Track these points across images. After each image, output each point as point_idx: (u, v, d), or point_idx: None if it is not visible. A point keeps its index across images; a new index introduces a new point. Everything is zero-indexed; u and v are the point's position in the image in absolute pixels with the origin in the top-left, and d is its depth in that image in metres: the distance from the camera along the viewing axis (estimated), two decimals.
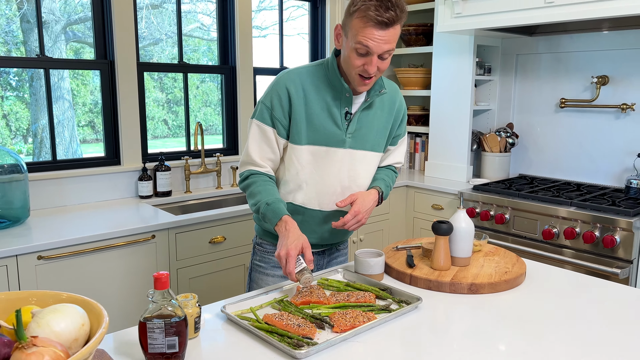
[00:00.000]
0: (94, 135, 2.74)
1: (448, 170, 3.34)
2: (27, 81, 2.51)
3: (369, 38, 1.39)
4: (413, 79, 3.60)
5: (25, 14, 2.44)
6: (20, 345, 0.72)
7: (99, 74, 2.66)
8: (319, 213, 1.63)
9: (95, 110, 2.70)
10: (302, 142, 1.54)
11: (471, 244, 1.58)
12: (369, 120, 1.60)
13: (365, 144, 1.60)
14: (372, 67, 1.43)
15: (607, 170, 2.97)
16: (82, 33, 2.63)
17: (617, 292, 1.50)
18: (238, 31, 3.06)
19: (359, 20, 1.40)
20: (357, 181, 1.63)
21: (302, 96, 1.52)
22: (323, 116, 1.54)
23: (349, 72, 1.50)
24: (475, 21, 2.76)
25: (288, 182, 1.59)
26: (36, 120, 2.56)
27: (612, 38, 2.87)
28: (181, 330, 1.07)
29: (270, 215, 1.47)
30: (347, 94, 1.54)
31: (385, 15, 1.37)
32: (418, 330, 1.24)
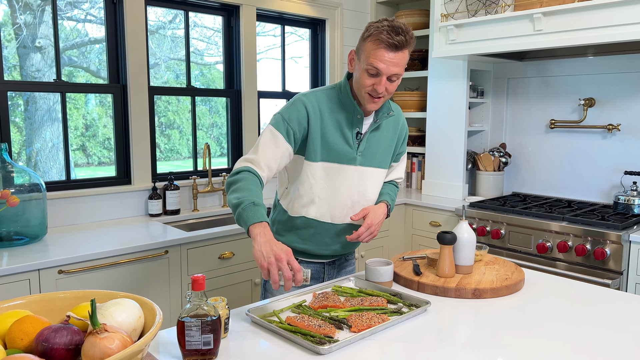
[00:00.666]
0: (84, 159, 2.77)
1: (444, 188, 3.47)
2: (23, 105, 2.56)
3: (379, 60, 1.53)
4: (409, 101, 3.76)
5: (24, 39, 2.52)
6: (93, 330, 0.82)
7: (101, 98, 2.77)
8: (331, 226, 1.74)
9: (87, 134, 2.75)
10: (317, 159, 1.66)
11: (473, 253, 1.70)
12: (377, 139, 1.73)
13: (373, 162, 1.74)
14: (380, 87, 1.56)
15: (596, 187, 3.12)
16: (76, 57, 2.71)
17: (608, 295, 1.62)
18: (243, 56, 3.21)
19: (371, 43, 1.54)
20: (366, 196, 1.75)
21: (318, 116, 1.64)
22: (336, 136, 1.66)
23: (359, 92, 1.62)
24: (468, 47, 2.93)
25: (302, 196, 1.70)
26: (30, 144, 2.60)
27: (597, 63, 3.05)
28: (216, 328, 1.17)
29: (251, 215, 1.43)
30: (359, 115, 1.67)
31: (396, 38, 1.51)
32: (428, 330, 1.35)
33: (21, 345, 0.88)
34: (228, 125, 3.31)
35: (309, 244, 1.75)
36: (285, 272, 1.35)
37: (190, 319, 1.16)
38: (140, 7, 2.74)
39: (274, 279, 1.35)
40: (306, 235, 1.74)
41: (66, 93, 2.63)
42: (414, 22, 3.73)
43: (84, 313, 0.95)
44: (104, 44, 2.76)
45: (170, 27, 3.03)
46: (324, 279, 1.84)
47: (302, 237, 1.75)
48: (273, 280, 1.35)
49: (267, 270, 1.36)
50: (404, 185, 3.91)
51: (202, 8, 3.10)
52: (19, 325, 0.89)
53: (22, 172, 2.27)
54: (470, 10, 2.89)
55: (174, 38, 3.05)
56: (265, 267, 1.36)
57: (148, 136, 2.84)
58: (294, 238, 1.76)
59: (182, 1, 3.00)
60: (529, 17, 2.63)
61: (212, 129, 3.27)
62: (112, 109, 2.79)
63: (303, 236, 1.75)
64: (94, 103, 2.77)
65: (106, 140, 2.83)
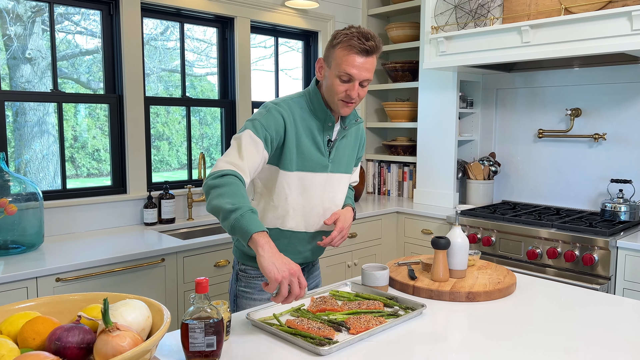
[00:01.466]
0: (73, 171, 2.77)
1: (435, 197, 3.53)
2: (12, 116, 2.55)
3: (351, 65, 1.55)
4: (400, 112, 3.82)
5: (14, 51, 2.54)
6: (105, 329, 0.85)
7: (90, 109, 2.80)
8: (305, 235, 1.73)
9: (76, 146, 2.76)
10: (292, 168, 1.64)
11: (467, 258, 1.75)
12: (343, 146, 1.76)
13: (341, 167, 1.76)
14: (354, 92, 1.59)
15: (584, 195, 3.19)
16: (66, 69, 2.72)
17: (597, 298, 1.67)
18: (237, 67, 3.26)
19: (342, 50, 1.56)
20: (335, 201, 1.77)
21: (293, 126, 1.63)
22: (309, 144, 1.66)
23: (332, 99, 1.63)
24: (458, 59, 3.00)
25: (277, 208, 1.66)
26: (19, 155, 2.60)
27: (582, 74, 3.14)
28: (219, 330, 1.20)
29: (252, 222, 1.36)
30: (330, 123, 1.69)
31: (367, 43, 1.54)
32: (424, 332, 1.39)
33: (33, 345, 0.90)
34: (222, 135, 3.34)
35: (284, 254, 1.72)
36: (294, 288, 1.33)
37: (193, 321, 1.18)
38: (137, 19, 2.78)
39: (284, 293, 1.31)
40: (279, 247, 1.67)
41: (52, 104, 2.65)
42: (405, 35, 3.81)
43: (93, 314, 0.98)
44: (101, 54, 2.79)
45: (162, 39, 3.07)
46: None
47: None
48: (282, 294, 1.32)
49: (278, 283, 1.31)
50: (395, 194, 3.96)
51: (197, 20, 3.15)
52: (31, 325, 0.91)
53: (19, 181, 2.28)
54: (459, 22, 2.97)
55: (164, 50, 3.09)
56: (279, 280, 1.30)
57: (144, 146, 2.86)
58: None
59: (178, 13, 3.05)
60: (517, 30, 2.71)
61: (201, 140, 3.29)
62: (107, 120, 2.82)
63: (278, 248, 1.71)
64: (84, 114, 2.79)
65: (95, 152, 2.84)
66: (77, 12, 2.70)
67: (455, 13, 3.00)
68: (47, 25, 2.61)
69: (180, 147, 3.20)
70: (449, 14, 3.03)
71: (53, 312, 1.03)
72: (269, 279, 1.32)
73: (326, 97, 1.66)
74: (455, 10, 3.00)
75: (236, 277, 1.80)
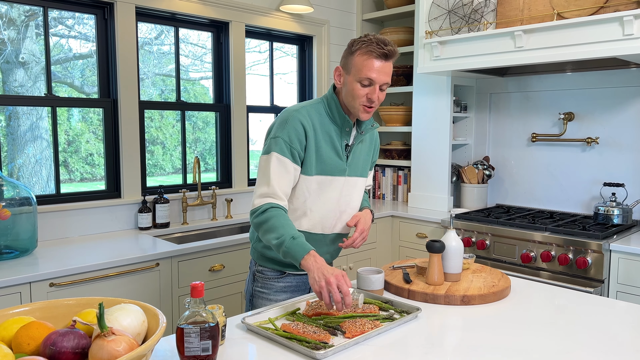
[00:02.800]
0: (67, 175, 2.76)
1: (430, 200, 3.54)
2: (4, 121, 2.55)
3: (372, 70, 1.61)
4: (395, 116, 3.84)
5: (8, 54, 2.53)
6: (101, 334, 0.85)
7: (84, 113, 2.80)
8: (322, 237, 1.79)
9: (69, 150, 2.75)
10: (312, 173, 1.70)
11: (461, 261, 1.75)
12: (359, 150, 1.82)
13: (357, 171, 1.82)
14: (375, 96, 1.64)
15: (577, 198, 3.21)
16: (60, 74, 2.72)
17: (590, 300, 1.68)
18: (232, 71, 3.26)
19: (361, 55, 1.63)
20: (351, 204, 1.83)
21: (312, 131, 1.69)
22: (328, 149, 1.72)
23: (352, 104, 1.68)
24: (452, 63, 3.02)
25: (296, 210, 1.74)
26: (12, 160, 2.59)
27: (575, 79, 3.17)
28: (214, 334, 1.20)
29: (297, 249, 1.51)
30: (348, 128, 1.74)
31: (386, 48, 1.61)
32: (419, 335, 1.39)
33: (27, 350, 0.90)
34: (217, 139, 3.34)
35: None
36: (334, 295, 1.41)
37: (189, 325, 1.18)
38: (132, 23, 2.78)
39: (325, 301, 1.42)
40: None
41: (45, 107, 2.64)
42: (399, 39, 3.82)
43: (88, 318, 0.98)
44: (94, 58, 2.79)
45: (156, 43, 3.07)
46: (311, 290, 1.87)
47: None
48: (325, 303, 1.43)
49: (320, 294, 1.43)
50: (390, 198, 3.97)
51: (192, 24, 3.15)
52: (25, 331, 0.91)
53: (12, 186, 2.27)
54: (453, 27, 2.99)
55: (159, 54, 3.09)
56: (317, 291, 1.44)
57: (138, 150, 2.86)
58: None
59: (172, 18, 3.05)
60: (510, 35, 2.73)
61: (195, 144, 3.29)
62: (102, 124, 2.81)
63: None
64: (77, 119, 2.78)
65: (89, 156, 2.83)
66: (70, 16, 2.70)
67: (449, 18, 3.02)
68: (41, 29, 2.61)
69: (174, 152, 3.19)
70: (442, 19, 3.05)
71: (47, 317, 1.02)
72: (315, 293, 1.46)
73: (346, 103, 1.71)
74: (449, 15, 3.02)
75: (253, 277, 1.86)
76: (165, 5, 2.91)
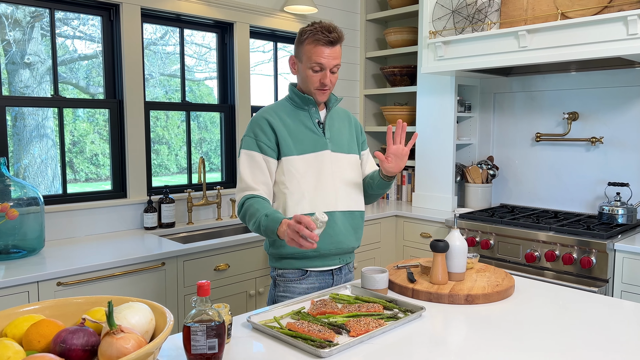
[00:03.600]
0: (72, 176, 2.78)
1: (434, 200, 3.54)
2: (10, 121, 2.57)
3: (321, 56, 1.75)
4: (398, 115, 3.84)
5: (13, 55, 2.56)
6: (110, 331, 0.86)
7: (89, 113, 2.82)
8: (328, 215, 1.80)
9: (74, 151, 2.78)
10: (293, 153, 1.80)
11: (465, 261, 1.76)
12: (337, 128, 1.91)
13: (343, 148, 1.90)
14: (327, 79, 1.78)
15: (581, 198, 3.21)
16: (65, 74, 2.74)
17: (594, 299, 1.68)
18: (237, 71, 3.28)
19: (309, 45, 1.76)
20: (345, 179, 1.88)
21: (279, 121, 1.81)
22: (301, 129, 1.83)
23: (308, 89, 1.82)
24: (456, 63, 3.03)
25: (293, 193, 1.79)
26: (19, 160, 2.62)
27: (579, 78, 3.17)
28: (220, 332, 1.21)
29: (271, 224, 1.62)
30: (313, 107, 1.86)
31: (331, 35, 1.75)
32: (424, 334, 1.40)
33: (38, 347, 0.91)
34: (222, 139, 3.36)
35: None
36: (303, 231, 1.48)
37: (195, 324, 1.20)
38: (137, 24, 2.80)
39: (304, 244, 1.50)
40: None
41: (50, 108, 2.67)
42: (403, 39, 3.83)
43: (97, 316, 0.99)
44: (99, 59, 2.81)
45: (161, 44, 3.09)
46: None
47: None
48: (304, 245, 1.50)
49: (297, 244, 1.51)
50: (394, 198, 3.97)
51: (196, 25, 3.17)
52: (36, 328, 0.93)
53: (20, 186, 2.29)
54: (457, 27, 3.00)
55: (164, 54, 3.11)
56: (293, 243, 1.52)
57: (144, 150, 2.88)
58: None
59: (177, 19, 3.07)
60: (514, 35, 2.73)
61: (200, 144, 3.30)
62: (108, 125, 2.83)
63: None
64: (82, 119, 2.80)
65: (94, 157, 2.85)
66: (75, 17, 2.72)
67: (452, 18, 3.03)
68: (46, 30, 2.63)
69: (179, 152, 3.21)
70: (446, 19, 3.06)
71: (57, 315, 1.04)
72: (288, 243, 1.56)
73: (303, 89, 1.85)
74: (452, 15, 3.02)
75: (274, 284, 1.90)
76: (170, 6, 2.93)
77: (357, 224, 1.91)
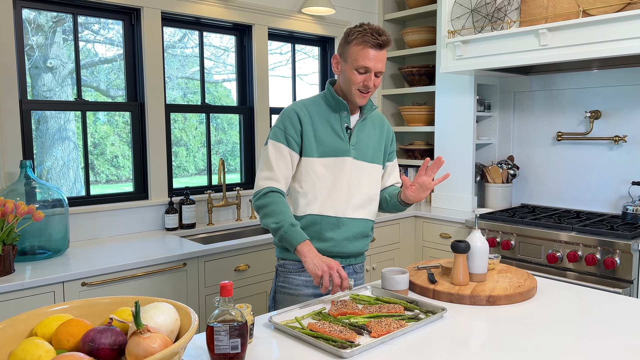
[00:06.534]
0: (92, 177, 2.82)
1: (454, 201, 3.52)
2: (34, 124, 2.61)
3: (367, 58, 1.72)
4: (417, 115, 3.83)
5: (36, 60, 2.61)
6: (137, 331, 0.88)
7: (109, 116, 2.86)
8: (335, 220, 1.81)
9: (95, 153, 2.82)
10: (314, 154, 1.79)
11: (487, 261, 1.75)
12: (366, 135, 1.87)
13: (366, 156, 1.87)
14: (370, 82, 1.75)
15: (604, 198, 3.16)
16: (87, 77, 2.79)
17: (619, 301, 1.66)
18: (255, 73, 3.30)
19: (357, 46, 1.73)
20: (362, 189, 1.86)
21: (308, 118, 1.80)
22: (328, 132, 1.81)
23: (349, 90, 1.78)
24: (475, 62, 3.01)
25: (307, 194, 1.80)
26: (42, 162, 2.67)
27: (602, 76, 3.12)
28: (243, 332, 1.22)
29: (295, 235, 1.64)
30: (345, 111, 1.83)
31: (380, 38, 1.71)
32: (445, 335, 1.40)
33: (67, 346, 0.94)
34: (241, 141, 3.39)
35: (317, 242, 1.79)
36: (335, 279, 1.57)
37: (218, 324, 1.21)
38: (157, 28, 2.84)
39: (325, 284, 1.57)
40: (313, 233, 1.81)
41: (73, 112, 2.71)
42: (421, 39, 3.82)
43: (124, 316, 1.01)
44: (119, 63, 2.85)
45: (180, 46, 3.13)
46: None
47: (310, 237, 1.78)
48: (325, 286, 1.56)
49: (321, 277, 1.57)
50: None
51: (215, 28, 3.20)
52: (65, 328, 0.95)
53: (45, 188, 2.34)
54: (476, 26, 2.98)
55: (182, 57, 3.15)
56: (319, 274, 1.57)
57: (165, 152, 2.92)
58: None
59: (197, 22, 3.10)
60: (534, 33, 2.70)
61: (217, 146, 3.33)
62: (129, 127, 2.88)
63: (310, 235, 1.79)
64: (102, 122, 2.85)
65: (114, 159, 2.90)
66: (96, 21, 2.77)
67: (471, 17, 3.01)
68: (68, 34, 2.68)
69: (197, 153, 3.24)
70: (465, 18, 3.04)
71: (85, 315, 1.06)
72: (312, 277, 1.60)
73: (344, 89, 1.81)
74: (471, 14, 3.00)
75: (276, 274, 1.91)
76: (190, 9, 2.96)
77: (365, 232, 1.89)
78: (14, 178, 2.42)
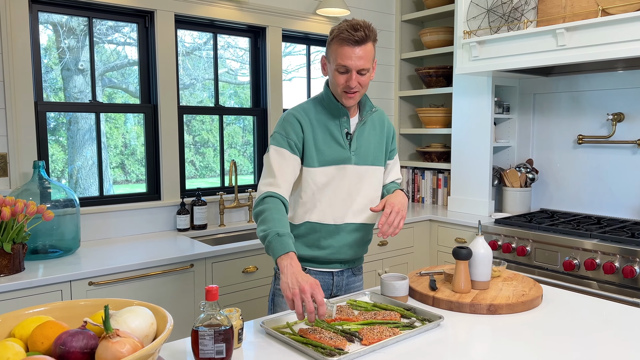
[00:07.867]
0: (123, 177, 2.89)
1: (470, 204, 3.45)
2: (65, 125, 2.70)
3: (345, 57, 1.63)
4: (434, 117, 3.77)
5: (67, 62, 2.68)
6: (106, 335, 0.88)
7: (138, 117, 2.90)
8: (334, 228, 1.78)
9: (126, 152, 2.88)
10: (315, 164, 1.74)
11: (490, 269, 1.70)
12: (366, 138, 1.81)
13: (367, 159, 1.81)
14: (353, 82, 1.66)
15: (627, 203, 3.05)
16: (116, 79, 2.85)
17: (630, 312, 1.58)
18: (269, 75, 3.30)
19: (335, 45, 1.66)
20: (362, 193, 1.81)
21: (309, 125, 1.74)
22: (328, 140, 1.75)
23: (335, 92, 1.72)
24: (491, 63, 2.93)
25: (306, 203, 1.76)
26: (72, 162, 2.73)
27: (626, 77, 3.00)
28: (228, 337, 1.21)
29: (277, 246, 1.49)
30: (345, 116, 1.76)
31: (356, 34, 1.61)
32: (440, 345, 1.36)
33: (41, 349, 0.94)
34: (254, 143, 3.39)
35: (315, 250, 1.78)
36: (308, 305, 1.34)
37: (203, 328, 1.20)
38: (171, 31, 2.87)
39: (298, 310, 1.36)
40: (312, 241, 1.78)
41: (103, 113, 2.77)
42: (439, 40, 3.75)
43: (100, 319, 1.01)
44: (138, 67, 2.89)
45: (205, 49, 3.16)
46: (332, 290, 1.85)
47: (308, 244, 1.78)
48: (297, 312, 1.36)
49: (292, 301, 1.37)
50: (429, 201, 3.89)
51: (229, 30, 3.21)
52: (40, 330, 0.95)
53: (58, 189, 2.39)
54: (492, 27, 2.91)
55: (209, 59, 3.18)
56: (289, 297, 1.37)
57: (177, 154, 2.94)
58: (300, 246, 1.79)
59: (211, 24, 3.12)
60: (551, 33, 2.62)
61: (229, 148, 3.36)
62: (143, 129, 2.91)
63: (309, 242, 1.78)
64: (132, 122, 2.91)
65: (144, 158, 2.95)
66: (125, 24, 2.83)
67: (488, 17, 2.94)
68: (99, 37, 2.75)
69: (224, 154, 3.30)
70: (481, 18, 2.97)
71: (66, 317, 1.07)
72: (285, 298, 1.40)
73: (332, 91, 1.75)
74: (488, 14, 2.93)
75: (274, 276, 1.88)
76: (204, 12, 2.98)
77: (365, 237, 1.85)
78: (29, 178, 2.47)
